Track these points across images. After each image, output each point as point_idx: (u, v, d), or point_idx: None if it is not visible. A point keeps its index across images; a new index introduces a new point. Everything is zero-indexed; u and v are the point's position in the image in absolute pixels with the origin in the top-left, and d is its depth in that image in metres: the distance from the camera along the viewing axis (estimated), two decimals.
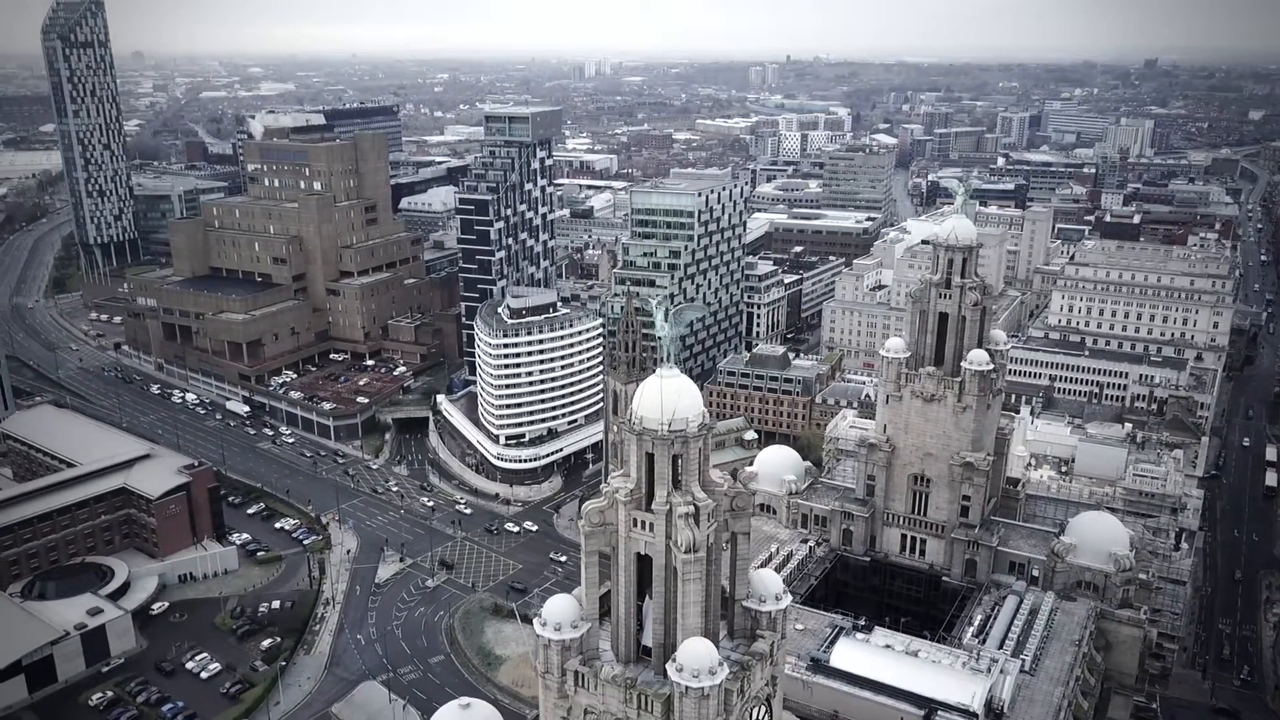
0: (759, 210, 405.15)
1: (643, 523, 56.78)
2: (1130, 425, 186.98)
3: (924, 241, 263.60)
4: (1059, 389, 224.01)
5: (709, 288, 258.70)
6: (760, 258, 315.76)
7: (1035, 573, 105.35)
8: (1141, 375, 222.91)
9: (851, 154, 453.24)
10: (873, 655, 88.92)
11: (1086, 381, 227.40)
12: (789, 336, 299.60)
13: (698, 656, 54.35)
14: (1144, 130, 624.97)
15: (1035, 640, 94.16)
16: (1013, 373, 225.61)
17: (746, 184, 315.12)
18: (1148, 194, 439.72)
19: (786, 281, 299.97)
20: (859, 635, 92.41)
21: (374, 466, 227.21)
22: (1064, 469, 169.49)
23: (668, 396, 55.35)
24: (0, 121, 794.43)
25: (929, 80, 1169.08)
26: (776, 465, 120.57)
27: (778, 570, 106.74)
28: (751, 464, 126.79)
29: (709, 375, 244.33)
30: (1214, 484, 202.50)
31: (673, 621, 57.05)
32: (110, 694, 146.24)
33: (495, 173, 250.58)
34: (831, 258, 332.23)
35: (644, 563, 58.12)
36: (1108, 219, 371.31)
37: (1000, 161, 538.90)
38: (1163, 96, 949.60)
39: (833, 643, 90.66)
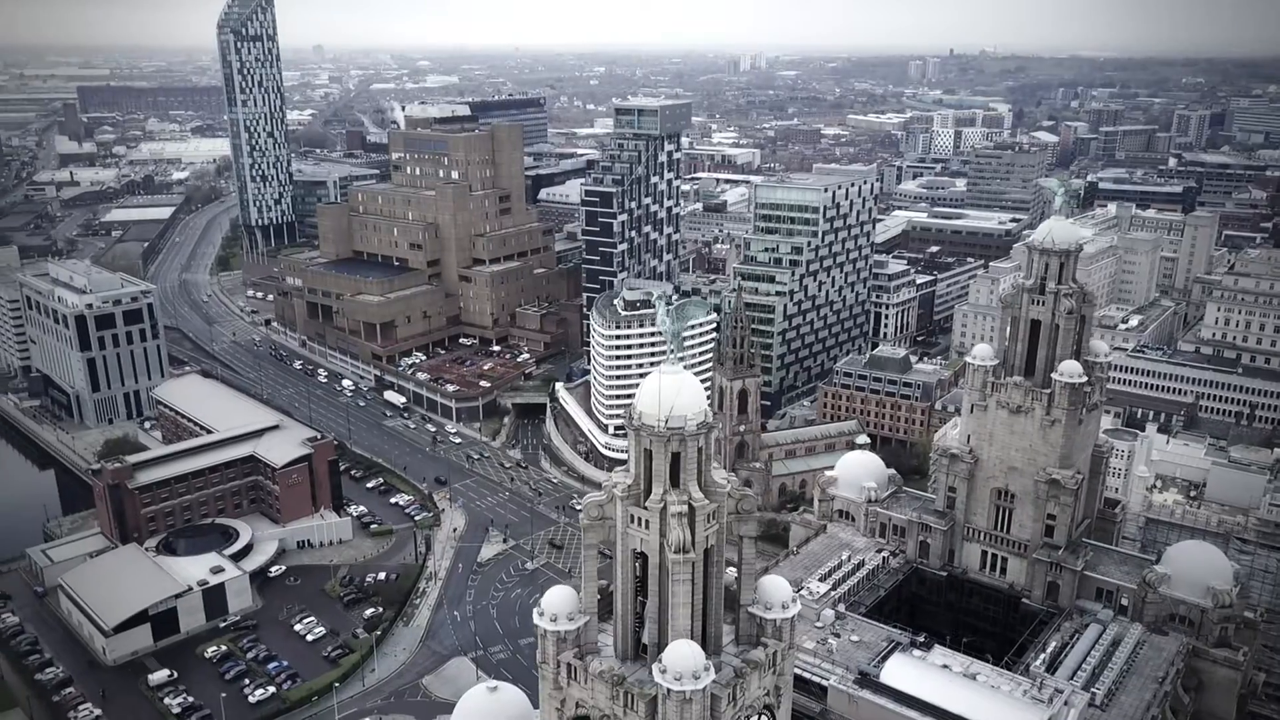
0: (899, 208, 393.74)
1: (639, 519, 56.11)
2: None
3: None
4: (1205, 407, 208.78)
5: (832, 285, 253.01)
6: (894, 256, 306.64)
7: (1125, 601, 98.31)
8: None
9: (1000, 151, 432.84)
10: (927, 674, 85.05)
11: (1237, 401, 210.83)
12: (919, 339, 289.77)
13: (682, 659, 53.37)
14: None
15: (1112, 673, 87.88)
16: (1152, 388, 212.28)
17: (878, 180, 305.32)
18: None
19: (919, 282, 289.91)
20: (915, 652, 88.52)
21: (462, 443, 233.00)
22: (1193, 494, 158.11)
23: (666, 393, 54.37)
24: (192, 110, 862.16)
25: (1103, 75, 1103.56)
26: (857, 471, 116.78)
27: (845, 579, 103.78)
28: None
29: (826, 375, 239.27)
30: None
31: (666, 621, 56.21)
32: (224, 648, 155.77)
33: (621, 165, 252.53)
34: (970, 259, 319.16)
35: (643, 560, 57.46)
36: None
37: (1171, 162, 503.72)
38: None
39: (885, 657, 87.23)
